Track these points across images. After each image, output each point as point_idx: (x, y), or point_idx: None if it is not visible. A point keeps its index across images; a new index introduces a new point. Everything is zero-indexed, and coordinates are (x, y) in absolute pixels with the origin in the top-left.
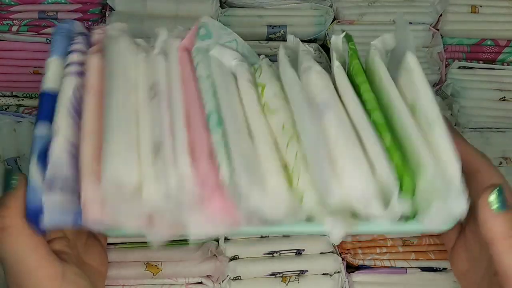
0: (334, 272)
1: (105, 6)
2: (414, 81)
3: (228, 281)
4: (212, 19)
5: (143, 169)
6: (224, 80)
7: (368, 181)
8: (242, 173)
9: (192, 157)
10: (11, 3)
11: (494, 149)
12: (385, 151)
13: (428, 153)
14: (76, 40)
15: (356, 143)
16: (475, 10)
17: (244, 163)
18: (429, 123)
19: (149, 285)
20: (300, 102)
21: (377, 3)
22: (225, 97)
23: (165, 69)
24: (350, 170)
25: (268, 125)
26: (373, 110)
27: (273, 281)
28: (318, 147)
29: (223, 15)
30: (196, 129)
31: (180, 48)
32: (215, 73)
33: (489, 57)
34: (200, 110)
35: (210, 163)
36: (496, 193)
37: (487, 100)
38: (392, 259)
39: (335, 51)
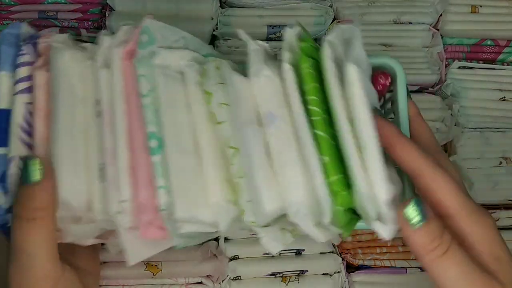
0: (334, 272)
1: (105, 6)
2: (352, 96)
3: (228, 281)
4: (154, 21)
5: (91, 191)
6: (169, 91)
7: (303, 196)
8: (178, 198)
9: (133, 181)
10: (11, 3)
11: (494, 149)
12: (323, 166)
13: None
14: (23, 50)
15: (295, 159)
16: (475, 10)
17: (182, 186)
18: (363, 145)
19: (149, 285)
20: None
21: (377, 3)
22: (168, 113)
23: (108, 85)
24: (287, 186)
25: (215, 136)
26: (317, 123)
27: (273, 281)
28: (254, 162)
29: (223, 15)
30: (137, 151)
31: (124, 58)
32: (160, 85)
33: (489, 57)
34: (142, 130)
35: (150, 187)
36: (411, 208)
37: (487, 100)
38: (392, 259)
39: (286, 50)
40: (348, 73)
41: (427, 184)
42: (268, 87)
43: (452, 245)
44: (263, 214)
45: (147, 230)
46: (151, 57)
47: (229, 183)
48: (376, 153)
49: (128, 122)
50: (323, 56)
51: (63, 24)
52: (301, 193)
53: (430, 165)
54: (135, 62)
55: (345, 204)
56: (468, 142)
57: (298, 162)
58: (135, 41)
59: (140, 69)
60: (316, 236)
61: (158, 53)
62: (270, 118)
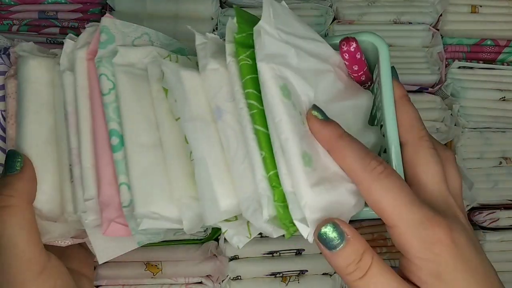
0: (334, 272)
1: (105, 6)
2: (264, 96)
3: (228, 281)
4: (112, 19)
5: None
6: (130, 89)
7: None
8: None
9: (97, 180)
10: (11, 3)
11: (494, 149)
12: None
13: (284, 173)
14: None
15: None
16: (475, 10)
17: (142, 182)
18: (281, 145)
19: (149, 285)
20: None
21: (377, 3)
22: (129, 110)
23: (72, 86)
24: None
25: (178, 131)
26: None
27: (273, 281)
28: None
29: (223, 15)
30: (101, 150)
31: (87, 58)
32: (120, 83)
33: (489, 57)
34: (105, 129)
35: (113, 184)
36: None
37: (487, 100)
38: (392, 259)
39: (228, 41)
40: (259, 73)
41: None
42: (215, 81)
43: (372, 268)
44: (217, 211)
45: (109, 228)
46: (112, 55)
47: (192, 179)
48: (293, 155)
49: (91, 121)
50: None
51: (63, 24)
52: (248, 188)
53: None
54: (96, 61)
55: (283, 200)
56: (468, 142)
57: (245, 156)
58: (96, 41)
59: (101, 68)
60: (268, 233)
61: (118, 51)
62: (218, 112)
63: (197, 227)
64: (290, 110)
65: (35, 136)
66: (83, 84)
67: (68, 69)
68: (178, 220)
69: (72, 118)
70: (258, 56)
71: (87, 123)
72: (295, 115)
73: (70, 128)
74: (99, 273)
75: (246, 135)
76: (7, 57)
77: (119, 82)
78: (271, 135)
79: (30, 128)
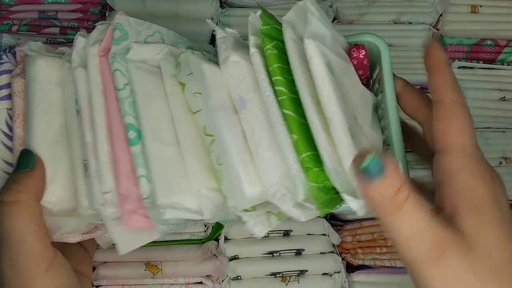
0: (334, 272)
1: (105, 6)
2: (313, 71)
3: (228, 281)
4: (126, 16)
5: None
6: (144, 85)
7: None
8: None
9: (115, 174)
10: (11, 3)
11: (494, 149)
12: (294, 144)
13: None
14: (3, 59)
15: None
16: (475, 10)
17: (162, 174)
18: (328, 121)
19: (149, 285)
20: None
21: (377, 3)
22: (145, 105)
23: (85, 82)
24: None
25: (194, 125)
26: (284, 103)
27: (273, 281)
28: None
29: (223, 15)
30: (117, 144)
31: (100, 54)
32: (134, 79)
33: (489, 57)
34: (121, 123)
35: (131, 176)
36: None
37: (487, 100)
38: (392, 259)
39: (252, 34)
40: (306, 49)
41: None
42: (237, 73)
43: (407, 203)
44: (243, 199)
45: (130, 219)
46: (125, 52)
47: (211, 171)
48: (341, 128)
49: (106, 115)
50: (284, 37)
51: (63, 24)
52: (276, 173)
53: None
54: (110, 57)
55: (318, 180)
56: None
57: (271, 143)
58: (109, 37)
59: (115, 64)
60: (297, 217)
61: (131, 48)
62: (241, 102)
63: (217, 217)
64: (335, 86)
65: (45, 136)
66: (96, 80)
67: (80, 66)
68: (197, 211)
69: (86, 113)
70: (306, 33)
71: (102, 118)
72: (339, 92)
73: (85, 124)
74: (99, 273)
75: (274, 121)
76: (13, 56)
77: (133, 77)
78: (310, 113)
79: (40, 128)
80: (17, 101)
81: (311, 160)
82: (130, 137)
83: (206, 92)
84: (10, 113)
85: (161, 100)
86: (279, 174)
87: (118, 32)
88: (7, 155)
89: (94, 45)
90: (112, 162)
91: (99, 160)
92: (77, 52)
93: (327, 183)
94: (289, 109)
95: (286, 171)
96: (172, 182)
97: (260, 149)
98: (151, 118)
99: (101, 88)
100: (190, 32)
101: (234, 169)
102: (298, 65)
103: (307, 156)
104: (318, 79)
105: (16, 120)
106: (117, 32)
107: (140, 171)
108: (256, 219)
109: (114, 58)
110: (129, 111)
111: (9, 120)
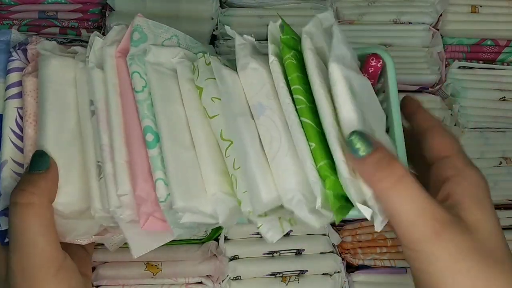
0: (334, 272)
1: (105, 6)
2: (337, 94)
3: (228, 281)
4: (145, 19)
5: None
6: (162, 87)
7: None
8: (176, 189)
9: (131, 176)
10: (11, 3)
11: (494, 149)
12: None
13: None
14: (13, 56)
15: (286, 146)
16: (475, 10)
17: (180, 178)
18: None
19: (149, 285)
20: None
21: (377, 3)
22: (163, 108)
23: (102, 83)
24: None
25: (209, 129)
26: (302, 111)
27: (273, 281)
28: (248, 152)
29: (223, 15)
30: (134, 146)
31: (117, 55)
32: (152, 81)
33: (489, 57)
34: (138, 125)
35: (148, 179)
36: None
37: (487, 100)
38: (392, 259)
39: (271, 42)
40: (331, 73)
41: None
42: (256, 79)
43: (405, 178)
44: (260, 204)
45: (148, 222)
46: (143, 54)
47: (226, 175)
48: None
49: (123, 117)
50: (303, 48)
51: (63, 24)
52: (294, 179)
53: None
54: (128, 59)
55: (335, 188)
56: (468, 142)
57: (289, 149)
58: (127, 39)
59: (133, 66)
60: (312, 223)
61: (150, 50)
62: (259, 109)
63: (231, 221)
64: (357, 107)
65: (58, 137)
66: (113, 81)
67: (97, 66)
68: (212, 215)
69: (103, 114)
70: (331, 56)
71: (119, 120)
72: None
73: (101, 125)
74: (99, 273)
75: (293, 128)
76: (23, 53)
77: (151, 80)
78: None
79: (53, 129)
80: (29, 100)
81: (328, 168)
82: (148, 140)
83: (227, 98)
84: (21, 112)
85: (177, 104)
86: (296, 180)
87: (138, 34)
88: (17, 155)
89: (112, 46)
90: (129, 164)
91: (116, 161)
92: (94, 52)
93: (341, 191)
94: (307, 118)
95: (302, 177)
96: (189, 186)
97: (277, 155)
98: (169, 121)
99: (118, 89)
100: (190, 32)
101: (252, 174)
102: (316, 75)
103: (325, 164)
104: (341, 102)
105: (27, 120)
106: (137, 34)
107: (157, 174)
108: (269, 224)
109: (133, 60)
110: (148, 113)
111: (20, 120)
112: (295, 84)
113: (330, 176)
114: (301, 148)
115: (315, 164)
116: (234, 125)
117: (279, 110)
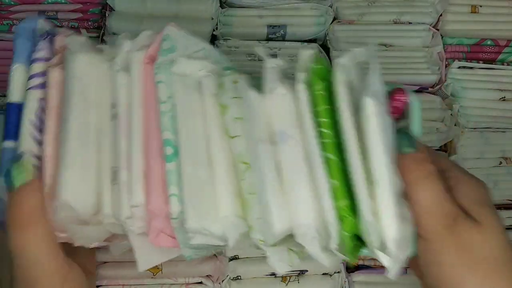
0: (334, 272)
1: (105, 6)
2: (368, 129)
3: (228, 281)
4: (176, 29)
5: (101, 194)
6: (186, 100)
7: (311, 219)
8: (189, 208)
9: (146, 186)
10: (11, 3)
11: (494, 149)
12: (332, 190)
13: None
14: (39, 45)
15: (305, 180)
16: (475, 10)
17: (194, 196)
18: (376, 180)
19: (149, 285)
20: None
21: (377, 3)
22: (185, 122)
23: (126, 88)
24: (295, 206)
25: (228, 149)
26: (328, 146)
27: (273, 281)
28: (265, 180)
29: (223, 15)
30: (152, 157)
31: (145, 61)
32: (177, 93)
33: (489, 57)
34: (158, 136)
35: (162, 194)
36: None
37: (487, 100)
38: None
39: (300, 70)
40: (365, 107)
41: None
42: (282, 106)
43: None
44: (272, 234)
45: (158, 237)
46: (170, 64)
47: (240, 198)
48: (387, 192)
49: (144, 127)
50: (335, 81)
51: (63, 24)
52: (309, 215)
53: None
54: (155, 67)
55: (352, 230)
56: (468, 142)
57: (308, 183)
58: (156, 46)
59: (160, 75)
60: (322, 261)
61: (177, 61)
62: (282, 136)
63: (241, 246)
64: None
65: (80, 135)
66: (139, 88)
67: (123, 70)
68: (221, 237)
69: (124, 120)
70: (367, 91)
71: (140, 128)
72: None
73: (121, 131)
74: (99, 273)
75: (314, 162)
76: (50, 43)
77: (177, 92)
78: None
79: (76, 126)
80: (52, 93)
81: (347, 208)
82: (167, 153)
83: (251, 121)
84: (43, 104)
85: (199, 119)
86: (312, 215)
87: (167, 43)
88: (35, 148)
89: (140, 51)
90: (145, 175)
91: (132, 171)
92: (121, 54)
93: (357, 233)
94: (332, 153)
95: (319, 213)
96: (203, 206)
97: (295, 188)
98: (190, 136)
99: (142, 97)
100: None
101: (267, 203)
102: (348, 111)
103: (345, 205)
104: (373, 140)
105: (49, 112)
106: (166, 44)
107: (172, 189)
108: (279, 255)
109: (159, 69)
110: (169, 126)
111: (41, 111)
112: (324, 117)
113: (348, 217)
114: (321, 185)
115: (335, 202)
116: (255, 150)
117: (302, 141)
